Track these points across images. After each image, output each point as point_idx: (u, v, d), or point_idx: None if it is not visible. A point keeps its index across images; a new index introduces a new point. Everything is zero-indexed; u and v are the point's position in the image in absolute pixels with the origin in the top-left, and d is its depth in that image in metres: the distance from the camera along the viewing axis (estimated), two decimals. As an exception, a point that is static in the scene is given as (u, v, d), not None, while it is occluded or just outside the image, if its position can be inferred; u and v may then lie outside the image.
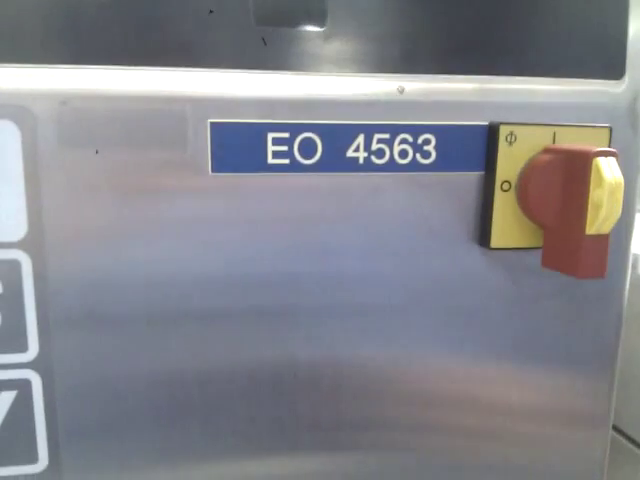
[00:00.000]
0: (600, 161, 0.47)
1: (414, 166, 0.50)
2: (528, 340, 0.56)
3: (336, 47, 0.48)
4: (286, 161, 0.48)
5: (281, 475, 0.54)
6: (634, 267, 0.70)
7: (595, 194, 0.47)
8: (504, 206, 0.52)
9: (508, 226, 0.52)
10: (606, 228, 0.48)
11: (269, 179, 0.48)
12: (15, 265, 0.44)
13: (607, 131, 0.54)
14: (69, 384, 0.48)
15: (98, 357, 0.48)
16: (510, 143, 0.51)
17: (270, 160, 0.48)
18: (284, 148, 0.48)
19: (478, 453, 0.57)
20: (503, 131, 0.51)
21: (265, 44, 0.46)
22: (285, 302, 0.51)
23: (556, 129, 0.52)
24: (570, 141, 0.53)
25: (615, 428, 0.79)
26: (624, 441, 0.77)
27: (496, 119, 0.51)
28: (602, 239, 0.48)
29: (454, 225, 0.52)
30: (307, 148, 0.48)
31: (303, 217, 0.50)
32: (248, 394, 0.51)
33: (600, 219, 0.47)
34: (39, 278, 0.45)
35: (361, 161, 0.49)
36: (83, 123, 0.44)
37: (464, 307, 0.54)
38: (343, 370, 0.53)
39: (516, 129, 0.51)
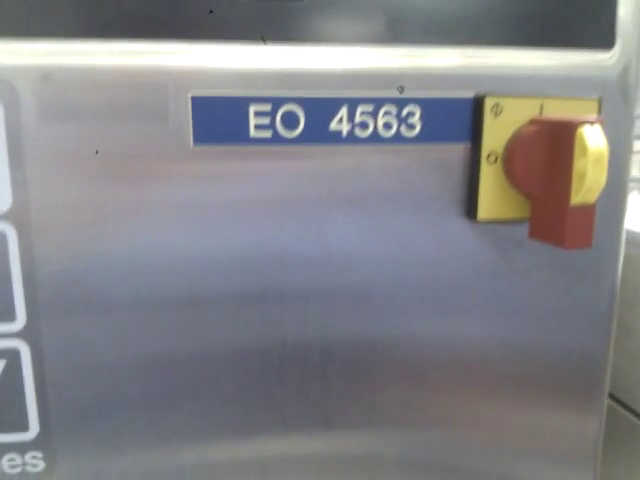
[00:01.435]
0: (584, 130, 0.47)
1: (398, 138, 0.50)
2: (518, 312, 0.56)
3: (318, 18, 0.48)
4: (268, 134, 0.48)
5: (270, 451, 0.54)
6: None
7: (579, 163, 0.47)
8: (491, 178, 0.52)
9: (495, 198, 0.52)
10: (591, 197, 0.47)
11: (252, 156, 0.48)
12: (1, 237, 0.45)
13: (596, 102, 0.53)
14: (58, 356, 0.48)
15: (86, 332, 0.49)
16: (496, 115, 0.51)
17: (252, 133, 0.48)
18: (266, 121, 0.48)
19: (469, 426, 0.57)
20: (489, 103, 0.51)
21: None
22: (271, 281, 0.51)
23: (543, 101, 0.52)
24: (558, 113, 0.52)
25: (613, 397, 0.78)
26: (620, 409, 0.76)
27: (482, 91, 0.51)
28: (587, 209, 0.48)
29: (440, 198, 0.52)
30: (289, 120, 0.48)
31: (287, 195, 0.50)
32: (237, 374, 0.52)
33: (584, 188, 0.46)
34: (25, 250, 0.46)
35: (344, 134, 0.49)
36: (65, 97, 0.45)
37: (452, 280, 0.54)
38: (331, 347, 0.53)
39: (502, 101, 0.51)
